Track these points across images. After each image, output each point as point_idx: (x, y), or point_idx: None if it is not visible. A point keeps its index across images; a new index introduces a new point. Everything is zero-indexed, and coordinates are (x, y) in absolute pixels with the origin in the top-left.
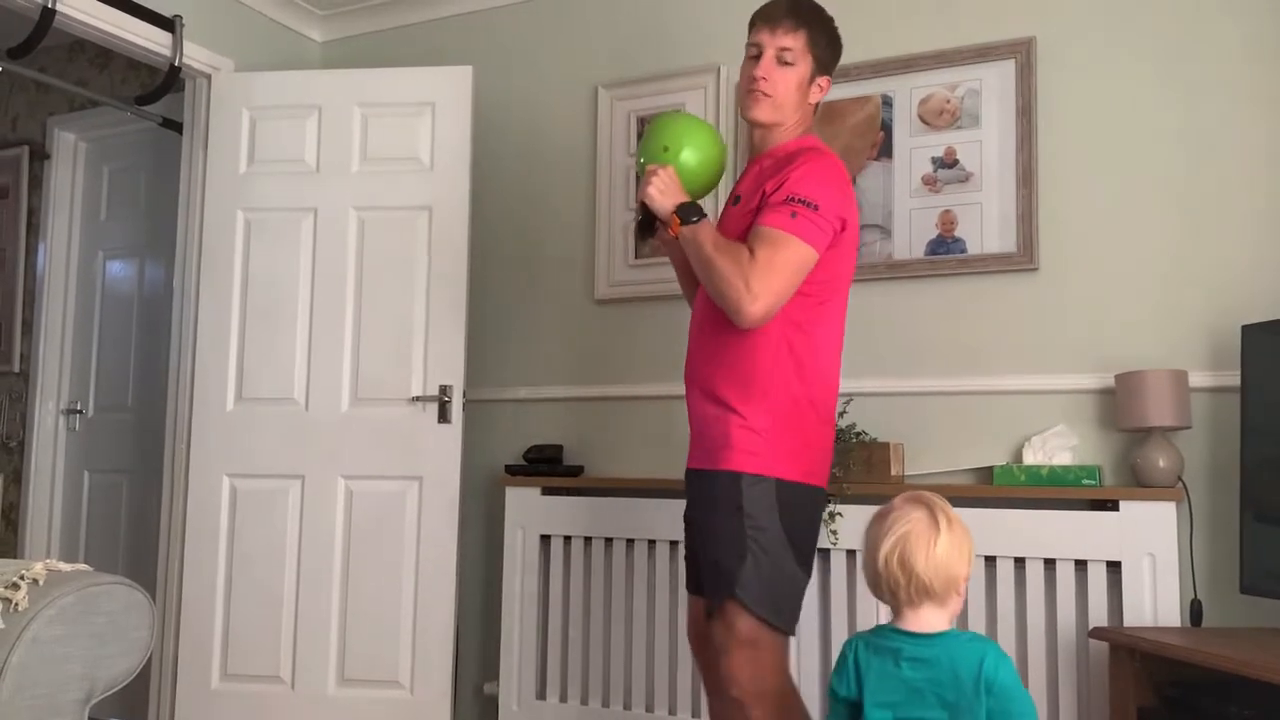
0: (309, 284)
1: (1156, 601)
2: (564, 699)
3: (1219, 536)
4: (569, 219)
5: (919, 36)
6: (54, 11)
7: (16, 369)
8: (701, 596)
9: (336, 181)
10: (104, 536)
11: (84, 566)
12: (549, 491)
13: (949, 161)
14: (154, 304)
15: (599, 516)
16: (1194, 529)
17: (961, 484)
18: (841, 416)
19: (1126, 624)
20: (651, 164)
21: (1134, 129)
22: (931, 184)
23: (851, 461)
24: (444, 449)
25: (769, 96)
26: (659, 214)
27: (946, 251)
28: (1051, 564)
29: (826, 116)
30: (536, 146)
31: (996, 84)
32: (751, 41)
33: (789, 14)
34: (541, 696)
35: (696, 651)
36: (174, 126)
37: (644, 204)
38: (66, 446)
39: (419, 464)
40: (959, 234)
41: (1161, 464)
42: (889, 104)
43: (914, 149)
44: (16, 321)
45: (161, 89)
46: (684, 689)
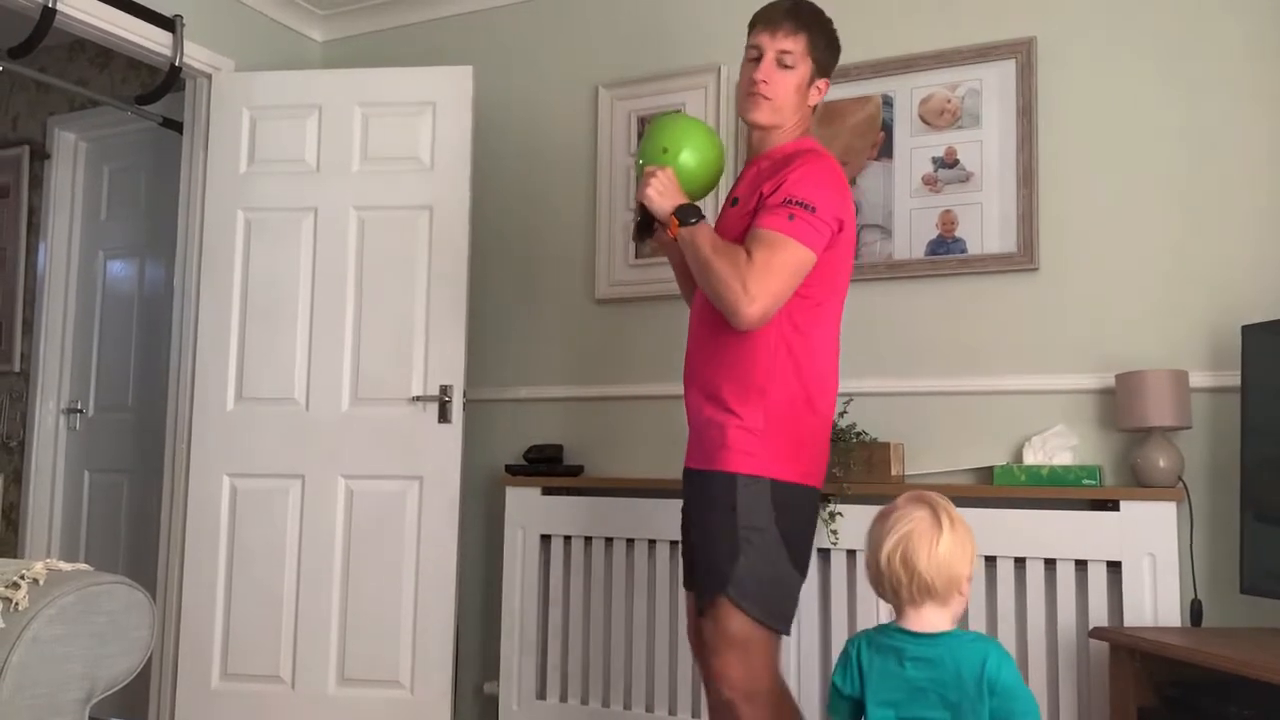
0: (309, 284)
1: (1157, 601)
2: (564, 699)
3: (1219, 536)
4: (569, 219)
5: (920, 36)
6: (54, 11)
7: (17, 368)
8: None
9: (337, 181)
10: (104, 536)
11: (84, 566)
12: (549, 491)
13: (949, 161)
14: (154, 303)
15: (599, 516)
16: (1194, 529)
17: (962, 484)
18: (842, 416)
19: (1127, 624)
20: (650, 165)
21: (1135, 128)
22: (932, 184)
23: (852, 461)
24: (444, 449)
25: (769, 99)
26: (657, 215)
27: (947, 251)
28: (1052, 564)
29: (827, 116)
30: (537, 146)
31: (997, 84)
32: (751, 44)
33: (789, 17)
34: (541, 696)
35: (696, 651)
36: (174, 126)
37: (642, 205)
38: (67, 446)
39: (419, 464)
40: (959, 234)
41: (1162, 464)
42: (889, 104)
43: (914, 149)
44: (17, 321)
45: (162, 89)
46: (684, 689)
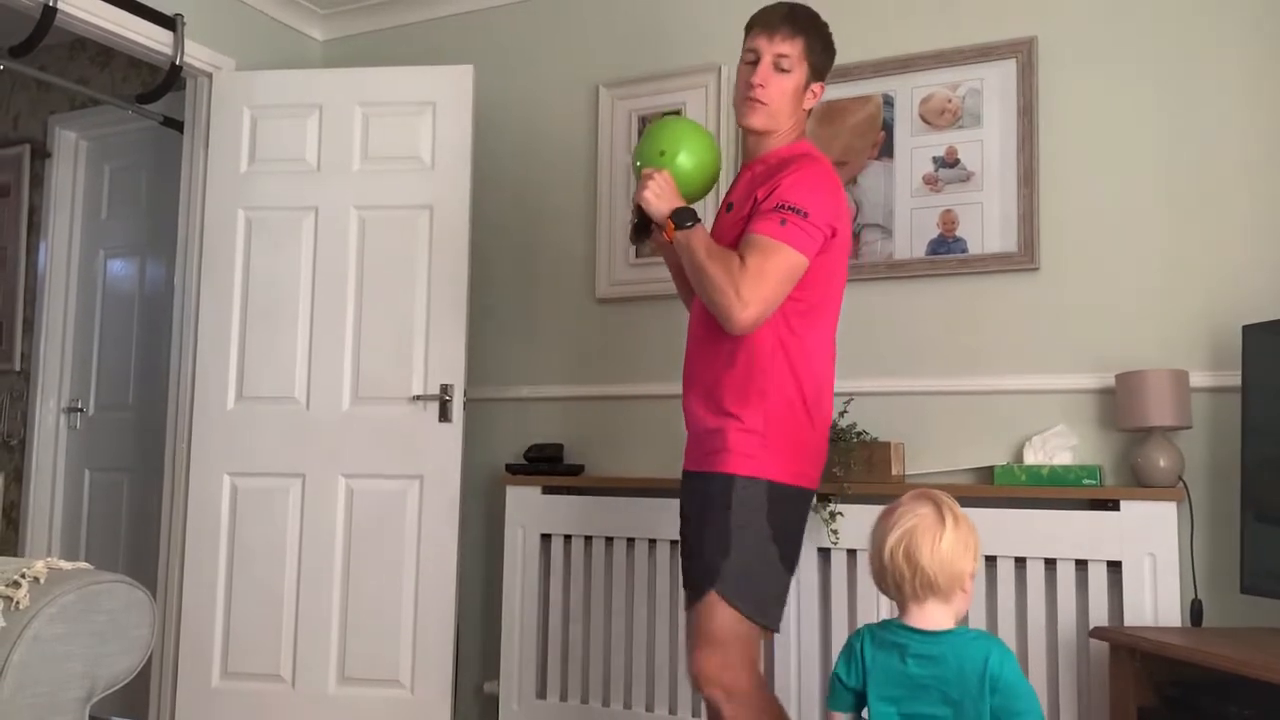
0: (310, 283)
1: (1157, 601)
2: (564, 698)
3: (1219, 536)
4: (570, 218)
5: (920, 36)
6: (55, 10)
7: (17, 367)
8: None
9: (337, 180)
10: (105, 535)
11: (85, 565)
12: (549, 491)
13: (950, 161)
14: (155, 302)
15: (599, 516)
16: (1194, 529)
17: (962, 484)
18: (842, 416)
19: (1127, 624)
20: (647, 167)
21: (1135, 128)
22: (932, 183)
23: (852, 461)
24: (444, 448)
25: (765, 104)
26: (654, 218)
27: (947, 251)
28: (1052, 564)
29: (827, 116)
30: (537, 146)
31: (998, 83)
32: (748, 47)
33: (787, 21)
34: (541, 696)
35: None
36: (175, 125)
37: (639, 207)
38: (67, 445)
39: (419, 463)
40: (960, 234)
41: (1162, 464)
42: (890, 104)
43: (915, 148)
44: (17, 320)
45: (162, 88)
46: (684, 689)
